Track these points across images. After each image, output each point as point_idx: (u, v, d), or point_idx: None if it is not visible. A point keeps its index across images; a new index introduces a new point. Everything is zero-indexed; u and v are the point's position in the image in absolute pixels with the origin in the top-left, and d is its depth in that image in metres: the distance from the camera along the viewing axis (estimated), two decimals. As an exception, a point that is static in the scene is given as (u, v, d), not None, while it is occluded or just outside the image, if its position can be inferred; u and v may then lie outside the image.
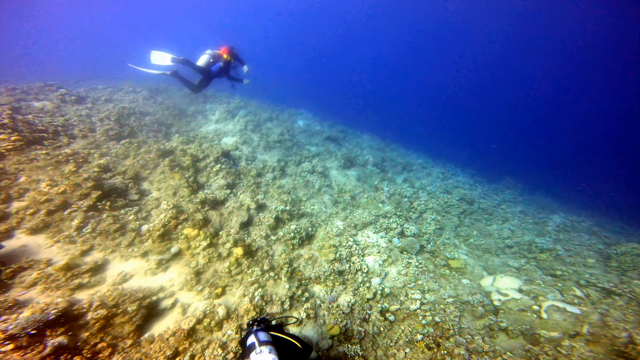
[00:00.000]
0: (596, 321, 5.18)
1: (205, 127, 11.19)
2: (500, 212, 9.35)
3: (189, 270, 5.58)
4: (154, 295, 5.00)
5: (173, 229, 6.07)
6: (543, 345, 4.72)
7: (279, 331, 3.16)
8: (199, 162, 8.21)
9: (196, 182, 7.49)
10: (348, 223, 7.67)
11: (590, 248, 7.91)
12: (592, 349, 4.76)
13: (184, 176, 7.24)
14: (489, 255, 7.34)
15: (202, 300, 5.21)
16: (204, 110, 12.57)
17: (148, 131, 8.89)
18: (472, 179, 13.93)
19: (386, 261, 6.55)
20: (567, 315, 5.09)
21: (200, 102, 13.04)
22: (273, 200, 7.92)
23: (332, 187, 9.22)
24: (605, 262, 7.32)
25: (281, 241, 6.76)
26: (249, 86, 8.71)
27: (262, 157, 10.17)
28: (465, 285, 6.15)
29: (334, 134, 13.75)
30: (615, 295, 6.07)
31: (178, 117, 10.86)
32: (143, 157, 7.71)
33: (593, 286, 6.24)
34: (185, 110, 11.72)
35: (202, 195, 6.89)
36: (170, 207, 6.27)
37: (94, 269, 5.22)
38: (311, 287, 5.99)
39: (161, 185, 7.01)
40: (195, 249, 5.96)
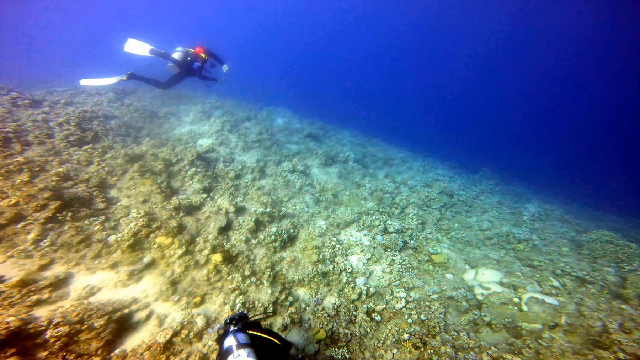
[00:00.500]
0: (573, 311, 5.33)
1: (179, 129, 10.63)
2: (479, 204, 9.53)
3: (164, 280, 5.22)
4: (126, 308, 4.63)
5: (145, 238, 5.66)
6: (525, 338, 4.78)
7: (257, 329, 3.04)
8: (172, 166, 7.76)
9: (169, 188, 7.05)
10: (331, 222, 7.51)
11: (564, 236, 8.21)
12: (570, 339, 4.88)
13: (156, 182, 6.79)
14: (470, 248, 7.44)
15: (180, 310, 4.89)
16: (177, 112, 11.95)
17: (115, 135, 8.27)
18: (452, 171, 14.19)
19: (370, 260, 6.46)
20: (546, 306, 5.19)
21: (173, 104, 12.39)
22: (253, 202, 7.62)
23: (313, 185, 9.03)
24: (578, 249, 7.61)
25: (262, 245, 6.50)
26: (225, 85, 8.42)
27: (241, 158, 9.80)
28: (449, 280, 6.16)
29: (314, 131, 13.53)
30: (589, 283, 6.29)
31: (149, 119, 10.22)
32: (109, 164, 7.15)
33: (568, 275, 6.44)
34: (157, 112, 11.08)
35: (176, 201, 6.48)
36: (141, 215, 5.83)
37: (54, 283, 4.76)
38: (295, 291, 5.80)
39: (131, 192, 6.53)
40: (170, 258, 5.60)
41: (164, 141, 8.98)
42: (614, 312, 5.56)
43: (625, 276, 6.52)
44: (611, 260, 7.13)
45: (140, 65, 7.12)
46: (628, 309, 5.64)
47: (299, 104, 23.97)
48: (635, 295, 5.89)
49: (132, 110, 10.29)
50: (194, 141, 9.82)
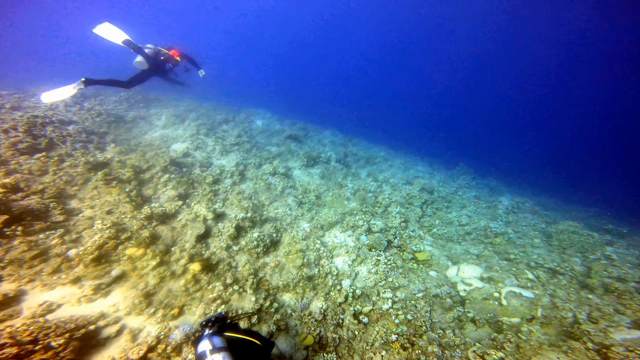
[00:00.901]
0: (547, 303, 5.54)
1: (150, 134, 10.04)
2: (457, 199, 9.77)
3: (137, 293, 4.84)
4: (92, 324, 4.24)
5: (113, 250, 5.23)
6: (506, 332, 4.89)
7: (235, 330, 2.91)
8: (143, 173, 7.28)
9: (140, 196, 6.60)
10: (314, 224, 7.36)
11: (535, 228, 8.58)
12: (545, 331, 5.05)
13: (124, 190, 6.32)
14: (451, 244, 7.56)
15: (155, 323, 4.55)
16: (147, 116, 11.30)
17: (74, 142, 7.60)
18: (431, 167, 14.51)
19: (355, 261, 6.37)
20: (523, 300, 5.34)
21: (141, 107, 11.70)
22: (233, 207, 7.31)
23: (295, 187, 8.84)
24: (548, 240, 7.96)
25: (244, 251, 6.23)
26: (201, 88, 8.13)
27: (219, 162, 9.42)
28: (433, 278, 6.21)
29: (295, 132, 13.33)
30: (560, 274, 6.58)
31: (114, 124, 9.55)
32: (68, 173, 6.55)
33: (541, 267, 6.70)
34: (124, 117, 10.39)
35: (147, 210, 6.07)
36: (107, 225, 5.38)
37: (2, 302, 4.27)
38: (280, 297, 5.59)
39: (95, 202, 6.02)
40: (143, 270, 5.21)
41: (132, 147, 8.43)
42: (582, 303, 5.84)
43: (589, 265, 6.89)
44: (577, 250, 7.53)
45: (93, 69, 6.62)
46: (594, 299, 5.95)
47: (279, 105, 23.68)
48: (600, 284, 6.22)
49: (94, 114, 9.56)
50: (167, 146, 9.31)
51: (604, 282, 6.27)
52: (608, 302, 5.88)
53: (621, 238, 9.19)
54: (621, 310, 5.55)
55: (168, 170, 7.72)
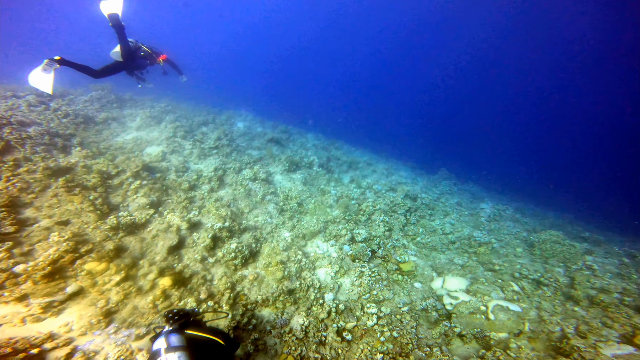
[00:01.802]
0: (534, 317, 5.47)
1: (123, 136, 9.39)
2: (440, 206, 9.75)
3: (96, 311, 4.35)
4: (35, 347, 3.72)
5: (69, 265, 4.69)
6: (495, 349, 4.74)
7: (199, 329, 2.77)
8: (112, 179, 6.71)
9: (107, 204, 6.05)
10: (296, 233, 7.05)
11: (517, 236, 8.67)
12: (533, 346, 4.96)
13: (88, 198, 5.76)
14: (435, 253, 7.47)
15: (115, 345, 4.07)
16: (121, 117, 10.59)
17: (34, 145, 6.89)
18: (413, 173, 14.56)
19: (338, 272, 6.11)
20: (510, 314, 5.26)
21: (114, 108, 10.96)
22: (210, 216, 6.87)
23: (277, 194, 8.50)
24: (530, 250, 8.04)
25: (221, 263, 5.82)
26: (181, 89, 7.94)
27: (196, 167, 8.92)
28: (418, 290, 6.05)
29: (277, 135, 12.98)
30: (544, 285, 6.56)
31: (83, 125, 8.84)
32: (23, 179, 5.90)
33: (525, 278, 6.68)
34: (94, 118, 9.66)
35: (113, 220, 5.54)
36: (65, 237, 4.84)
37: None
38: (259, 312, 5.23)
39: (53, 211, 5.42)
40: (104, 286, 4.70)
41: (102, 150, 7.80)
42: (568, 315, 5.81)
43: (572, 276, 6.96)
44: (559, 260, 7.62)
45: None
46: (580, 311, 5.93)
47: (262, 107, 23.27)
48: (584, 296, 6.26)
49: (61, 115, 8.81)
50: (140, 149, 8.72)
51: (589, 294, 6.30)
52: (594, 314, 5.86)
53: (598, 246, 9.45)
54: (608, 324, 5.50)
55: (140, 176, 7.18)
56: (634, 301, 6.24)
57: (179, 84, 8.77)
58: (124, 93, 12.60)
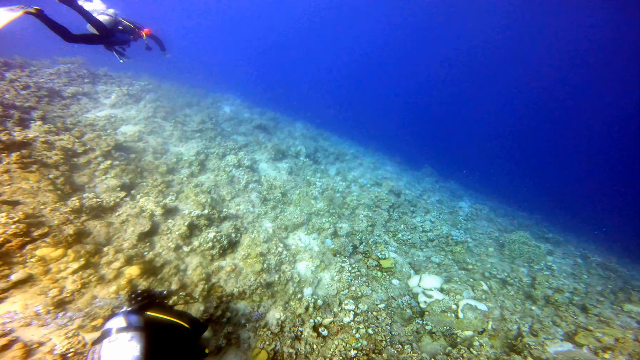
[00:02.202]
0: (497, 316, 5.57)
1: (94, 113, 8.55)
2: (422, 203, 9.74)
3: (46, 301, 3.89)
4: None
5: (17, 250, 4.15)
6: (460, 347, 4.78)
7: (163, 310, 2.54)
8: (77, 157, 6.06)
9: (70, 184, 5.45)
10: (278, 224, 6.74)
11: (490, 236, 8.82)
12: (493, 343, 5.04)
13: (47, 176, 5.14)
14: (414, 250, 7.43)
15: (65, 337, 3.66)
16: (93, 93, 9.62)
17: (-20, 116, 6.06)
18: (398, 168, 14.52)
19: (319, 266, 5.90)
20: (477, 313, 5.29)
21: (85, 82, 9.94)
22: (188, 202, 6.41)
23: (261, 182, 8.10)
24: (500, 250, 8.19)
25: (197, 252, 5.44)
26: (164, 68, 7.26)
27: (176, 150, 8.32)
28: (395, 287, 5.96)
29: (265, 122, 12.43)
30: (509, 285, 6.71)
31: (47, 99, 7.91)
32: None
33: (494, 278, 6.80)
34: (60, 92, 8.69)
35: (76, 202, 4.99)
36: (15, 219, 4.27)
37: None
38: (234, 305, 4.94)
39: (3, 189, 4.77)
40: (58, 274, 4.21)
41: (68, 126, 7.02)
42: (526, 314, 5.98)
43: (534, 275, 7.17)
44: (525, 260, 7.83)
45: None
46: (536, 310, 6.14)
47: (252, 92, 22.35)
48: (542, 296, 6.45)
49: (19, 87, 7.83)
50: (113, 128, 7.98)
51: (546, 294, 6.51)
52: (548, 313, 6.09)
53: (558, 246, 9.85)
54: (557, 322, 5.74)
55: (111, 156, 6.55)
56: (581, 300, 6.55)
57: (163, 62, 8.19)
58: (98, 68, 11.50)
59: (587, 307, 6.24)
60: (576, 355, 4.91)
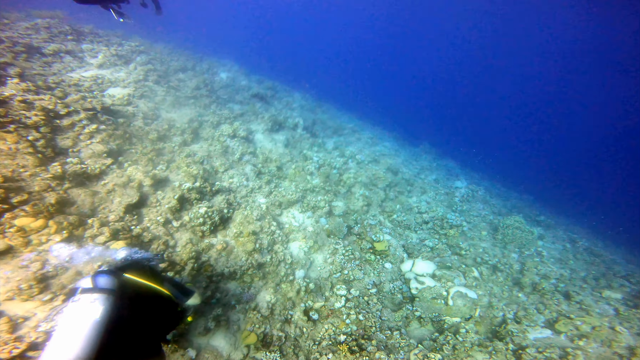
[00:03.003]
0: (486, 303, 5.45)
1: (79, 72, 7.64)
2: (419, 183, 9.36)
3: (28, 275, 3.55)
4: None
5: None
6: (446, 333, 4.69)
7: (144, 274, 2.24)
8: (60, 119, 5.40)
9: (52, 147, 4.87)
10: (272, 200, 6.34)
11: (484, 219, 8.57)
12: (477, 329, 4.95)
13: (25, 138, 4.55)
14: (408, 232, 7.18)
15: (51, 310, 3.42)
16: (77, 51, 8.53)
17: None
18: (397, 144, 13.91)
19: (312, 247, 5.62)
20: (467, 300, 5.15)
21: (69, 40, 8.78)
22: (179, 172, 5.91)
23: (256, 154, 7.56)
24: (494, 234, 7.99)
25: (187, 228, 5.08)
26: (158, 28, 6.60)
27: (169, 116, 7.61)
28: (388, 271, 5.76)
29: (262, 91, 11.50)
30: (499, 271, 6.56)
31: (24, 55, 6.97)
32: None
33: (485, 264, 6.62)
34: (40, 48, 7.64)
35: (57, 168, 4.46)
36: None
37: None
38: (224, 285, 4.69)
39: (-27, 152, 4.21)
40: (39, 246, 3.84)
41: (50, 85, 6.24)
42: (512, 301, 5.89)
43: (524, 261, 7.03)
44: (516, 246, 7.66)
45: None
46: (522, 297, 6.04)
47: (251, 59, 20.75)
48: (530, 283, 6.33)
49: None
50: (100, 90, 7.17)
51: (533, 280, 6.40)
52: (533, 301, 6.01)
53: (549, 229, 9.71)
54: (541, 310, 5.68)
55: (97, 119, 5.88)
56: (566, 287, 6.48)
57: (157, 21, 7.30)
58: (84, 25, 10.19)
59: (571, 294, 6.18)
60: (553, 342, 4.91)
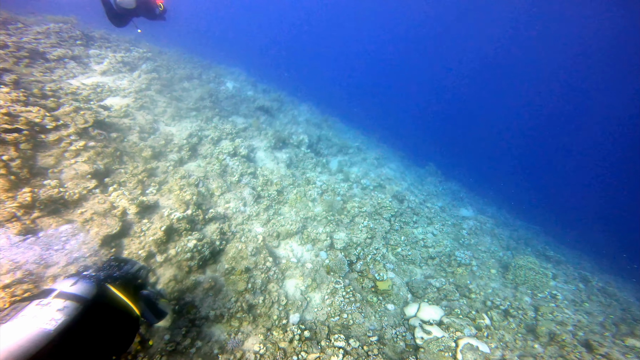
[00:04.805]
0: (499, 358, 4.78)
1: (80, 79, 7.22)
2: (425, 212, 8.75)
3: None
4: None
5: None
6: None
7: (124, 288, 2.15)
8: (47, 133, 4.90)
9: (29, 167, 4.36)
10: (270, 230, 5.77)
11: (493, 255, 7.94)
12: None
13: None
14: (412, 267, 6.57)
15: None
16: (84, 56, 8.18)
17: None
18: (402, 164, 13.35)
19: (310, 286, 5.01)
20: (478, 354, 4.52)
21: (77, 44, 8.45)
22: (171, 196, 5.37)
23: (256, 175, 7.03)
24: (504, 273, 7.35)
25: (172, 263, 4.51)
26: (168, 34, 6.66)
27: (167, 130, 7.12)
28: (390, 314, 5.14)
29: (268, 103, 11.04)
30: (511, 316, 5.91)
31: (27, 61, 6.58)
32: None
33: (496, 308, 5.99)
34: (45, 54, 7.27)
35: (27, 195, 3.93)
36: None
37: None
38: (207, 329, 4.10)
39: None
40: None
41: (46, 93, 5.79)
42: (527, 352, 5.22)
43: (538, 305, 6.38)
44: (529, 287, 7.01)
45: None
46: (538, 348, 5.38)
47: (260, 68, 20.45)
48: (546, 332, 5.66)
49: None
50: (98, 99, 6.71)
51: (550, 329, 5.74)
52: (551, 353, 5.34)
53: (559, 266, 9.04)
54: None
55: (88, 134, 5.39)
56: (585, 335, 5.83)
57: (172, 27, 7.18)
58: (93, 30, 9.87)
59: (592, 345, 5.50)
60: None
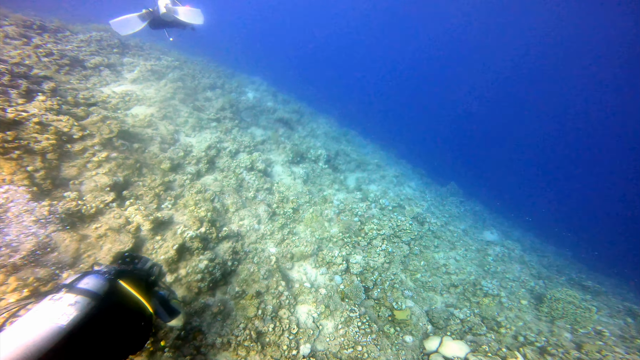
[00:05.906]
0: None
1: (112, 87, 7.47)
2: (447, 235, 8.19)
3: None
4: None
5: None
6: None
7: (137, 284, 2.04)
8: (73, 143, 4.98)
9: (52, 178, 4.39)
10: (283, 250, 5.53)
11: (524, 285, 7.23)
12: None
13: (24, 168, 4.09)
14: (433, 294, 6.06)
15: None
16: (118, 64, 8.52)
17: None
18: (422, 182, 12.78)
19: (323, 313, 4.68)
20: None
21: (114, 53, 8.84)
22: (185, 212, 5.28)
23: (272, 192, 6.85)
24: (536, 304, 6.64)
25: (182, 283, 4.34)
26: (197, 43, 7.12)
27: (187, 141, 7.14)
28: (408, 347, 4.70)
29: (288, 115, 10.96)
30: (549, 354, 5.23)
31: (67, 68, 6.90)
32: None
33: (530, 345, 5.34)
34: (83, 61, 7.62)
35: (45, 209, 3.92)
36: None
37: None
38: (213, 357, 3.86)
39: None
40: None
41: (79, 101, 5.97)
42: None
43: (580, 342, 5.64)
44: (568, 322, 6.25)
45: None
46: None
47: (282, 78, 20.71)
48: None
49: (42, 53, 6.84)
50: (125, 108, 6.85)
51: None
52: None
53: (598, 297, 8.11)
54: None
55: (112, 145, 5.45)
56: None
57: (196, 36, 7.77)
58: (130, 38, 10.32)
59: None
60: None
